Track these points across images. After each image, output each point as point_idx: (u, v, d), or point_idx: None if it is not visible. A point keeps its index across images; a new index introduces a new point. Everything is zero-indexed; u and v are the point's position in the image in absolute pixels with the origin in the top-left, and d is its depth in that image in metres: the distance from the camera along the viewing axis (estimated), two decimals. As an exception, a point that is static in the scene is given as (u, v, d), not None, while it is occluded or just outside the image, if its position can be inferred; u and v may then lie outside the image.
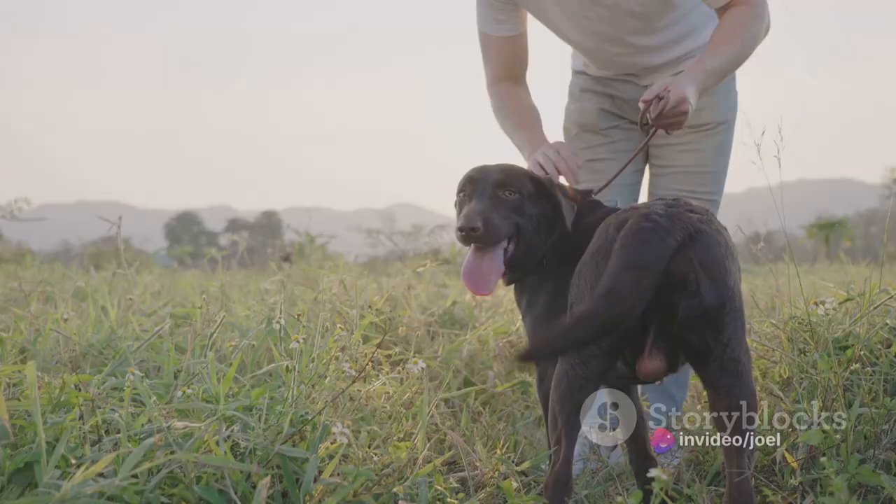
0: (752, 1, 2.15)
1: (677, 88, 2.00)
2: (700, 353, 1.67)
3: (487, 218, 1.96)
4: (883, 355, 2.26)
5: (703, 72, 2.07)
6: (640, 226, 1.60)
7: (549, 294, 2.04)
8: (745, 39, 2.13)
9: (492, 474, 1.89)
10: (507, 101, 2.43)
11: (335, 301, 3.28)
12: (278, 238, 26.59)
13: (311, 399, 1.92)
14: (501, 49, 2.41)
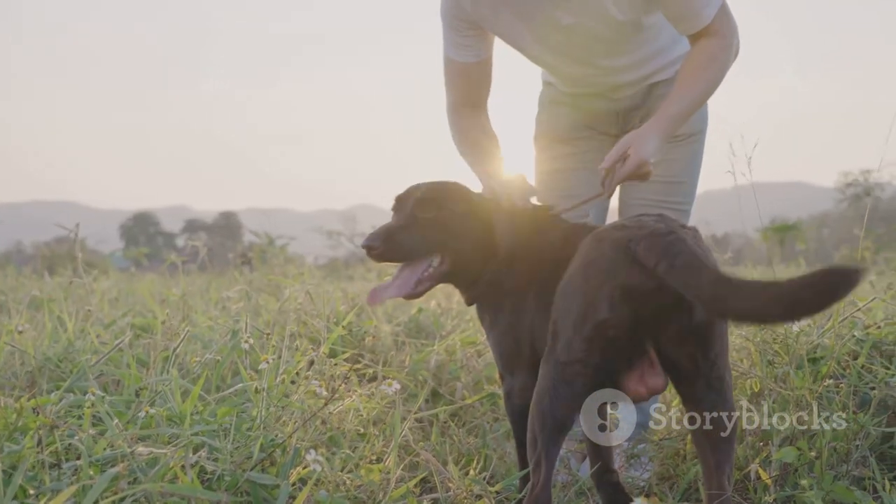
0: (722, 32, 2.14)
1: (637, 151, 2.00)
2: (688, 371, 1.65)
3: (390, 237, 1.96)
4: (851, 367, 2.27)
5: (669, 119, 2.07)
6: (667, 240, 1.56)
7: (509, 311, 2.01)
8: (712, 74, 2.13)
9: (465, 495, 1.85)
10: (465, 131, 2.38)
11: (300, 311, 3.22)
12: (237, 239, 26.37)
13: (280, 421, 1.87)
14: (464, 74, 2.37)
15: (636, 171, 2.01)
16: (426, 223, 2.00)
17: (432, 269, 2.01)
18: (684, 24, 2.14)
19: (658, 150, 2.04)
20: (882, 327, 2.49)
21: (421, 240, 1.99)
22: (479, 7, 2.25)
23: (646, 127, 2.05)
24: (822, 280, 1.38)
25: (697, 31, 2.14)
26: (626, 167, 2.01)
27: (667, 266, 1.53)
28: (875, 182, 28.66)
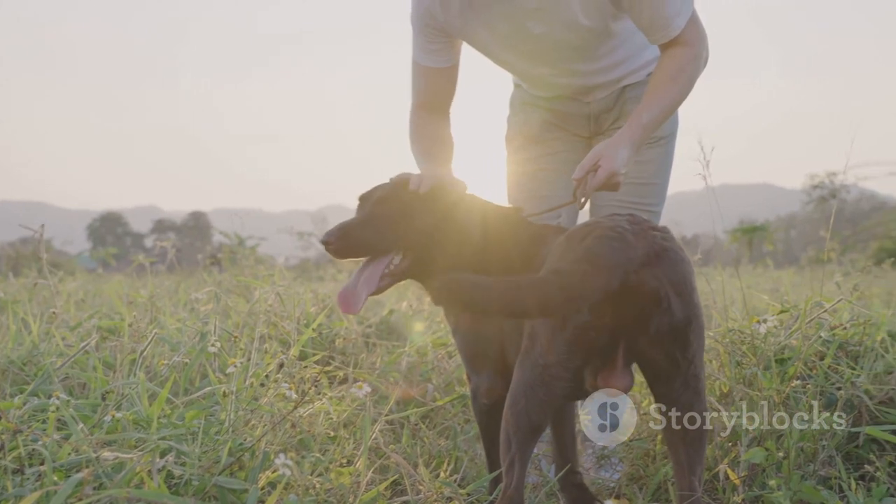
0: (692, 41, 2.15)
1: (608, 161, 2.01)
2: (665, 371, 1.66)
3: (346, 232, 1.97)
4: (818, 368, 2.30)
5: (640, 128, 2.08)
6: (605, 234, 1.59)
7: (473, 315, 2.01)
8: (682, 84, 2.15)
9: (436, 497, 1.85)
10: (422, 131, 2.39)
11: (270, 313, 3.20)
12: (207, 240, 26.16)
13: (249, 425, 1.85)
14: (430, 79, 2.38)
15: (607, 181, 2.02)
16: (384, 220, 2.00)
17: (394, 265, 2.01)
18: (654, 33, 2.16)
19: (628, 161, 2.05)
20: (848, 328, 2.52)
21: (378, 236, 1.99)
22: (450, 15, 2.25)
23: (616, 137, 2.06)
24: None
25: (667, 41, 2.15)
26: (597, 178, 2.02)
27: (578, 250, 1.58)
28: (841, 184, 29.08)
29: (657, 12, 2.11)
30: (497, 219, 2.07)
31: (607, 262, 1.54)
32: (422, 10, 2.28)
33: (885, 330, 2.48)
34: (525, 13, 2.19)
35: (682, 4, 2.12)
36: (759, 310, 3.16)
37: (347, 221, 2.01)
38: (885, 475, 1.95)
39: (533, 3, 2.17)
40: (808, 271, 8.77)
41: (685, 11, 2.13)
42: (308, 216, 28.87)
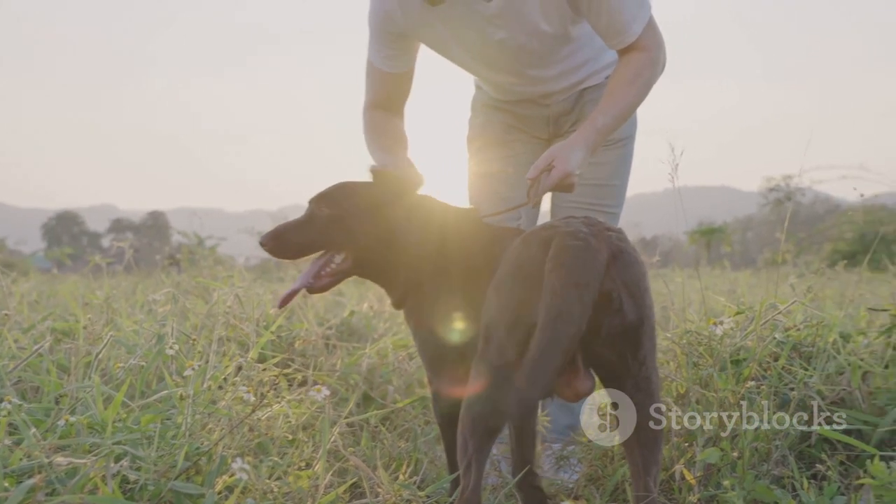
0: (649, 46, 2.17)
1: (562, 163, 2.03)
2: (616, 372, 1.68)
3: (279, 234, 2.04)
4: (772, 369, 2.33)
5: (595, 131, 2.10)
6: (572, 244, 1.59)
7: (434, 315, 2.02)
8: (638, 89, 2.17)
9: (395, 500, 1.84)
10: (376, 126, 2.39)
11: (229, 315, 3.16)
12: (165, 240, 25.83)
13: (207, 428, 1.83)
14: (385, 82, 2.38)
15: (560, 182, 2.04)
16: (322, 220, 2.04)
17: (335, 265, 2.06)
18: (612, 39, 2.18)
19: (583, 163, 2.07)
20: (801, 329, 2.57)
21: (314, 236, 2.04)
22: (411, 19, 2.25)
23: (571, 139, 2.08)
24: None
25: (625, 46, 2.17)
26: (550, 179, 2.03)
27: (550, 268, 1.57)
28: (796, 187, 29.64)
29: (614, 18, 2.13)
30: (455, 220, 2.09)
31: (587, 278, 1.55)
32: (381, 13, 2.28)
33: (836, 331, 2.53)
34: (485, 19, 2.20)
35: (640, 10, 2.14)
36: (716, 311, 3.21)
37: (286, 223, 2.07)
38: (836, 474, 1.99)
39: (493, 10, 2.18)
40: (765, 273, 8.90)
41: (642, 17, 2.15)
42: (269, 216, 28.57)
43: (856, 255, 16.85)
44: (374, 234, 2.04)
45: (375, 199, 2.06)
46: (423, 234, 2.06)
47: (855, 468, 2.08)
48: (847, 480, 2.06)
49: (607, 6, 2.12)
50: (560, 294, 1.53)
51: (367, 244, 2.05)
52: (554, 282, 1.55)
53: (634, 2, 2.14)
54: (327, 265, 2.08)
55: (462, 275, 1.96)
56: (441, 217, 2.09)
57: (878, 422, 2.13)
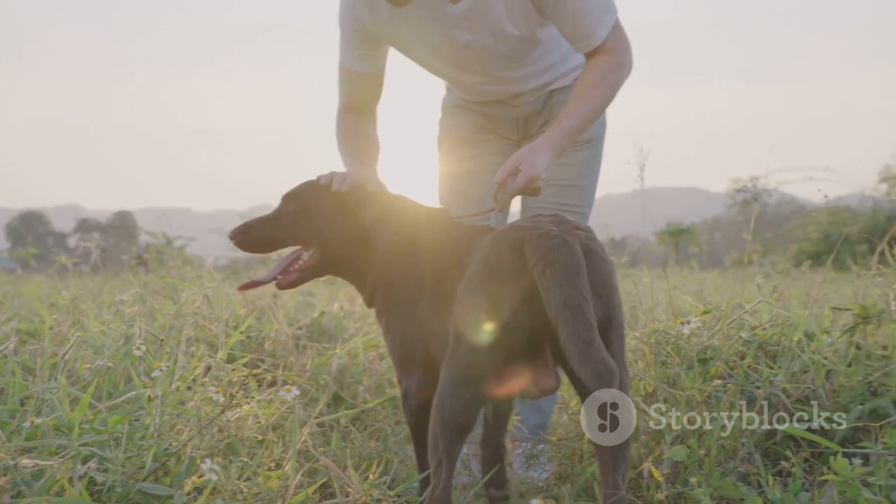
0: (615, 50, 2.19)
1: (528, 167, 2.04)
2: None
3: (247, 229, 2.13)
4: (738, 367, 2.36)
5: (561, 135, 2.11)
6: (550, 244, 1.60)
7: (402, 314, 2.03)
8: (604, 92, 2.18)
9: (365, 499, 1.84)
10: (348, 131, 2.41)
11: (198, 315, 3.14)
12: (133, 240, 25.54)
13: (175, 429, 1.82)
14: (356, 83, 2.39)
15: (526, 186, 2.05)
16: (288, 217, 2.11)
17: (303, 261, 2.12)
18: (578, 42, 2.19)
19: (549, 167, 2.08)
20: (767, 328, 2.60)
21: (279, 232, 2.12)
22: (379, 21, 2.25)
23: (537, 143, 2.09)
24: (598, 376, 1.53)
25: (591, 50, 2.19)
26: (517, 183, 2.05)
27: (541, 269, 1.57)
28: (763, 188, 30.02)
29: (580, 21, 2.14)
30: (426, 220, 2.10)
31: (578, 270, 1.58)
32: (349, 15, 2.28)
33: (801, 330, 2.56)
34: (452, 21, 2.20)
35: (605, 14, 2.16)
36: (683, 311, 3.24)
37: (255, 218, 2.14)
38: (800, 471, 2.02)
39: (459, 12, 2.18)
40: (732, 273, 8.99)
41: (608, 21, 2.16)
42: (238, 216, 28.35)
43: (820, 256, 17.09)
44: (341, 232, 2.09)
45: (342, 199, 2.09)
46: (394, 234, 2.07)
47: (819, 465, 2.11)
48: (811, 477, 2.09)
49: (573, 10, 2.13)
50: (569, 286, 1.55)
51: (333, 242, 2.09)
52: (557, 280, 1.56)
53: (600, 6, 2.15)
54: (295, 261, 2.13)
55: (432, 274, 1.97)
56: (412, 217, 2.11)
57: (842, 419, 2.16)
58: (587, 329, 1.53)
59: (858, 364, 2.43)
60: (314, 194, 2.12)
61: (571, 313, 1.53)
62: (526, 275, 1.62)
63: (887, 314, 2.52)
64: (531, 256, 1.60)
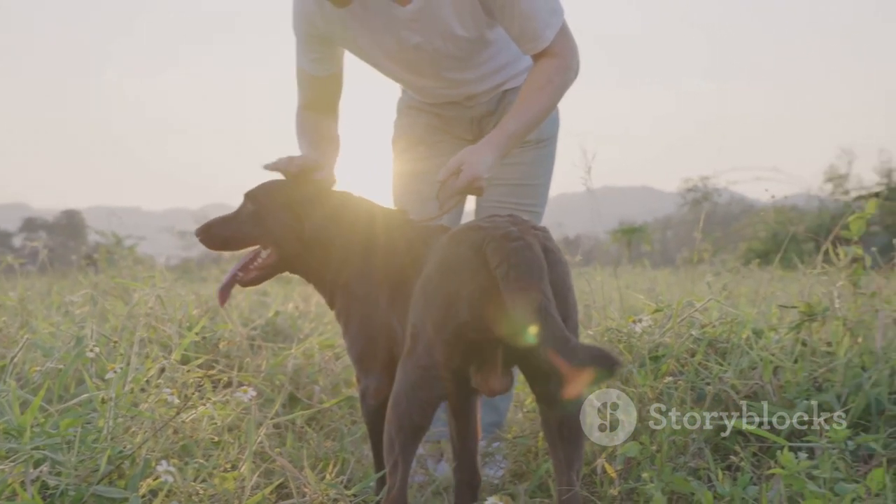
0: (561, 53, 2.21)
1: (471, 167, 2.06)
2: (541, 370, 1.69)
3: (209, 227, 2.18)
4: (689, 364, 2.41)
5: (506, 137, 2.13)
6: (512, 246, 1.61)
7: (360, 314, 2.04)
8: (550, 94, 2.20)
9: (322, 499, 1.85)
10: (306, 126, 2.42)
11: (150, 316, 3.10)
12: (81, 240, 25.05)
13: (130, 432, 1.80)
14: (314, 85, 2.40)
15: (468, 186, 2.06)
16: (246, 216, 2.16)
17: (261, 259, 2.16)
18: (525, 44, 2.21)
19: (492, 167, 2.10)
20: (717, 326, 2.64)
21: (238, 231, 2.16)
22: (331, 23, 2.26)
23: (481, 144, 2.11)
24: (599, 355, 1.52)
25: (538, 52, 2.21)
26: (459, 182, 2.06)
27: (504, 271, 1.59)
28: (713, 188, 30.43)
29: (527, 24, 2.15)
30: (381, 219, 2.12)
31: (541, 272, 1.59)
32: (302, 18, 2.29)
33: (750, 328, 2.61)
34: (402, 23, 2.22)
35: (552, 17, 2.17)
36: (635, 309, 3.29)
37: (218, 217, 2.19)
38: (749, 465, 2.06)
39: (408, 14, 2.19)
40: (683, 271, 9.14)
41: (554, 24, 2.18)
42: (191, 215, 28.08)
43: (768, 254, 17.41)
44: (292, 230, 2.11)
45: (290, 197, 2.13)
46: (347, 233, 2.09)
47: (766, 459, 2.16)
48: (759, 471, 2.13)
49: (519, 12, 2.14)
50: (532, 288, 1.56)
51: (286, 242, 2.12)
52: (515, 283, 1.57)
53: (547, 9, 2.17)
54: (255, 259, 2.17)
55: (390, 274, 1.98)
56: (365, 215, 2.13)
57: (788, 414, 2.21)
58: (559, 328, 1.54)
59: (804, 360, 2.48)
60: (267, 194, 2.15)
61: (542, 317, 1.54)
62: (485, 275, 1.63)
63: (831, 312, 2.58)
64: (493, 258, 1.61)
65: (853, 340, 2.53)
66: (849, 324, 2.53)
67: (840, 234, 2.69)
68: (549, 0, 2.17)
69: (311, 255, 2.13)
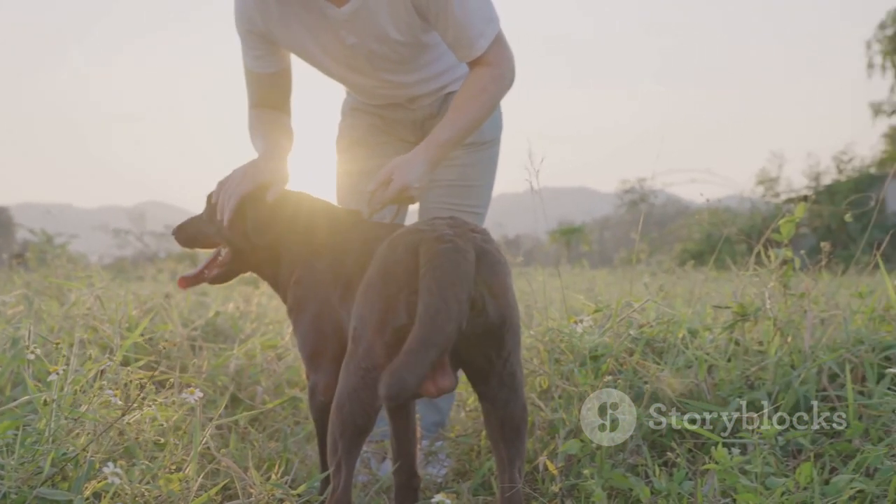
0: (495, 62, 2.22)
1: (401, 177, 2.08)
2: (482, 369, 1.73)
3: (182, 225, 2.31)
4: (627, 364, 2.47)
5: (437, 146, 2.14)
6: (441, 248, 1.62)
7: (311, 311, 2.05)
8: (482, 103, 2.21)
9: (268, 500, 1.85)
10: (258, 119, 2.41)
11: (89, 316, 3.05)
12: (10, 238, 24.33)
13: (73, 434, 1.78)
14: (261, 83, 2.39)
15: (398, 196, 2.08)
16: (206, 215, 2.25)
17: (220, 257, 2.24)
18: (460, 52, 2.22)
19: (423, 176, 2.11)
20: (654, 326, 2.70)
21: (199, 230, 2.27)
22: (270, 21, 2.26)
23: (413, 153, 2.13)
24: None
25: (472, 60, 2.22)
26: (388, 192, 2.08)
27: (422, 273, 1.61)
28: (649, 189, 31.03)
29: (461, 32, 2.16)
30: (335, 218, 2.14)
31: (460, 278, 1.59)
32: (242, 16, 2.28)
33: (685, 328, 2.68)
34: (338, 24, 2.22)
35: (487, 26, 2.18)
36: (575, 309, 3.34)
37: (193, 216, 2.30)
38: (684, 461, 2.12)
39: (343, 16, 2.20)
40: (621, 271, 9.31)
41: (489, 33, 2.19)
42: (125, 212, 27.53)
43: (703, 255, 17.82)
44: (236, 228, 2.16)
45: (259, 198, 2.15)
46: (298, 231, 2.11)
47: (701, 455, 2.22)
48: (694, 466, 2.18)
49: (454, 21, 2.15)
50: (436, 293, 1.56)
51: (234, 238, 2.17)
52: (430, 284, 1.58)
53: (481, 18, 2.17)
54: (217, 257, 2.24)
55: (340, 272, 1.99)
56: (318, 214, 2.15)
57: (722, 411, 2.28)
58: (428, 337, 1.54)
59: (737, 359, 2.56)
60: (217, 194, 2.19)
61: (421, 319, 1.56)
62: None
63: (763, 312, 2.66)
64: (422, 259, 1.63)
65: (783, 340, 2.60)
66: (779, 324, 2.60)
67: (771, 237, 2.78)
68: (484, 8, 2.18)
69: (261, 253, 2.18)
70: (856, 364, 2.54)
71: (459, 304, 1.57)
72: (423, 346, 1.54)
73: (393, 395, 1.51)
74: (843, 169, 25.79)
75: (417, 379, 1.53)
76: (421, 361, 1.53)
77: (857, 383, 2.49)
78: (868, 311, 2.84)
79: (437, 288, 1.57)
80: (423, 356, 1.53)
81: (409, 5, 2.18)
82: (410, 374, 1.52)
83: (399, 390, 1.52)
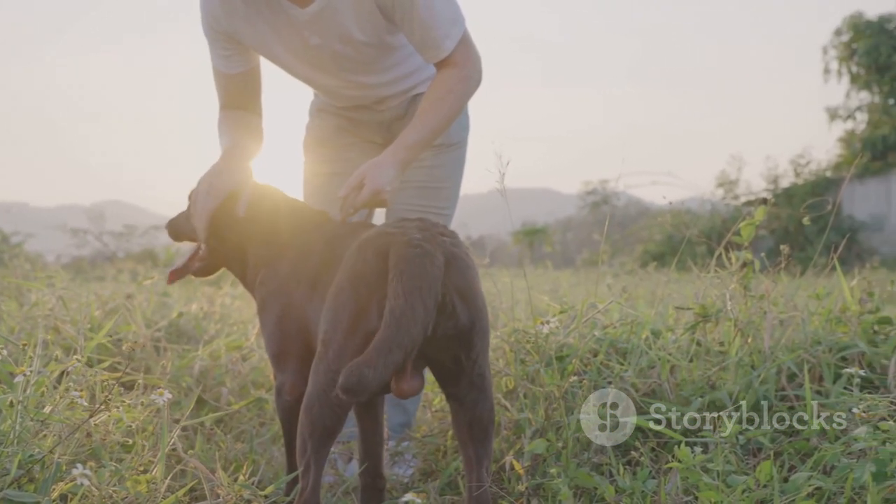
0: (462, 63, 2.23)
1: (373, 180, 2.08)
2: (451, 371, 1.75)
3: (171, 220, 2.38)
4: (592, 364, 2.50)
5: (405, 149, 2.15)
6: (409, 252, 1.63)
7: (277, 311, 2.06)
8: (450, 105, 2.21)
9: (235, 500, 1.85)
10: (226, 120, 2.41)
11: (50, 317, 3.02)
12: (-36, 236, 23.83)
13: (40, 435, 1.76)
14: (229, 83, 2.39)
15: (371, 199, 2.09)
16: (188, 215, 2.28)
17: (200, 252, 2.29)
18: (426, 53, 2.22)
19: (394, 180, 2.12)
20: (618, 327, 2.74)
21: (181, 226, 2.34)
22: (235, 21, 2.25)
23: (383, 157, 2.13)
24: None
25: (439, 61, 2.23)
26: (361, 196, 2.09)
27: (391, 277, 1.62)
28: (612, 191, 31.23)
29: (427, 33, 2.17)
30: (302, 217, 2.17)
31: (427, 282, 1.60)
32: (207, 15, 2.28)
33: (648, 329, 2.72)
34: (301, 24, 2.22)
35: (452, 27, 2.19)
36: (540, 310, 3.38)
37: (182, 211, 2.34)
38: (648, 459, 2.16)
39: (306, 17, 2.20)
40: (584, 272, 9.38)
41: (455, 34, 2.19)
42: (83, 211, 27.07)
43: (664, 256, 18.04)
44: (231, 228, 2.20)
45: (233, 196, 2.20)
46: (265, 229, 2.13)
47: (664, 454, 2.26)
48: (657, 465, 2.22)
49: (420, 22, 2.15)
50: (403, 297, 1.57)
51: (206, 238, 2.21)
52: (396, 288, 1.59)
53: (447, 19, 2.18)
54: (197, 251, 2.30)
55: (306, 271, 1.99)
56: (283, 212, 2.16)
57: (684, 411, 2.32)
58: (394, 339, 1.55)
59: (699, 360, 2.60)
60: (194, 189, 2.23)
61: (386, 322, 1.57)
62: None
63: (724, 313, 2.71)
64: (391, 264, 1.64)
65: (744, 340, 2.65)
66: (740, 325, 2.65)
67: (731, 239, 2.83)
68: (450, 9, 2.19)
69: (230, 253, 2.23)
70: (813, 364, 2.60)
71: (426, 308, 1.58)
72: (388, 347, 1.55)
73: (350, 387, 1.52)
74: (801, 172, 26.28)
75: (378, 377, 1.54)
76: (384, 362, 1.54)
77: (814, 383, 2.55)
78: (825, 313, 2.90)
79: (404, 292, 1.58)
80: (387, 357, 1.54)
81: (374, 7, 2.18)
82: (371, 371, 1.53)
83: (357, 384, 1.52)
